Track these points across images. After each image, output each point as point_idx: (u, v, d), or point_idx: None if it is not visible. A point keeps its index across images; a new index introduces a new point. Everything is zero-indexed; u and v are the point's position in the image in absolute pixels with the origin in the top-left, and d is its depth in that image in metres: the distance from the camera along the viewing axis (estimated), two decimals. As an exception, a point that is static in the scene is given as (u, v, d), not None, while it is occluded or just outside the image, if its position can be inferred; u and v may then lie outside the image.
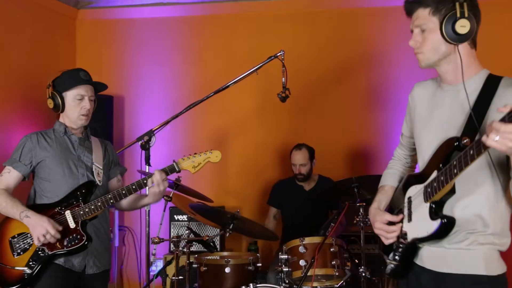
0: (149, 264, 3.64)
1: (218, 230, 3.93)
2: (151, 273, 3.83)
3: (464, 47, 1.83)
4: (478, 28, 1.83)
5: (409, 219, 1.94)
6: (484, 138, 1.52)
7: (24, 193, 2.73)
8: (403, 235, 1.96)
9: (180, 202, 3.75)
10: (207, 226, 4.30)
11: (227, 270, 3.20)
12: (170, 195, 3.46)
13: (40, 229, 2.47)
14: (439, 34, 1.80)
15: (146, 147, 3.26)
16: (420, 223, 1.88)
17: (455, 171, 1.68)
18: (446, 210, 1.82)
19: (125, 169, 2.93)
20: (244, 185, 4.81)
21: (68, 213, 2.55)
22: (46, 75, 2.81)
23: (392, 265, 2.00)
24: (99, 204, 2.55)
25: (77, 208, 2.56)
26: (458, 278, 1.85)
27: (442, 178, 1.75)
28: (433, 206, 1.81)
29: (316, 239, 3.17)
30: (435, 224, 1.80)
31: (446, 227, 1.79)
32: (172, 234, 4.35)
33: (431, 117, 1.95)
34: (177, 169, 2.60)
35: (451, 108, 1.88)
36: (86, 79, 2.69)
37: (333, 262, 3.10)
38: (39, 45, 4.63)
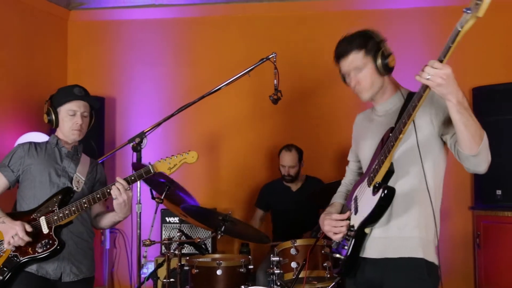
0: (140, 266, 3.63)
1: (210, 232, 3.92)
2: (142, 276, 3.81)
3: (389, 76, 2.17)
4: None
5: (356, 212, 2.13)
6: (417, 77, 1.78)
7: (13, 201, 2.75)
8: (350, 228, 2.13)
9: (172, 204, 3.74)
10: (198, 228, 4.29)
11: (218, 272, 3.18)
12: (162, 197, 3.46)
13: (11, 232, 2.48)
14: (375, 70, 2.10)
15: (137, 149, 3.25)
16: (365, 207, 2.07)
17: (391, 144, 1.94)
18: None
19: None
20: (236, 187, 4.81)
21: (42, 219, 2.54)
22: (38, 77, 2.82)
23: (342, 258, 2.13)
24: (73, 209, 2.53)
25: (51, 214, 2.54)
26: (399, 262, 2.05)
27: (381, 157, 1.99)
28: (376, 185, 2.01)
29: (307, 241, 3.18)
30: (377, 196, 1.98)
31: (387, 195, 1.96)
32: (163, 236, 4.33)
33: (368, 128, 2.26)
34: (152, 172, 2.57)
35: (385, 116, 2.19)
36: (79, 95, 2.70)
37: (325, 264, 3.09)
38: (31, 46, 4.60)
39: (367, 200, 2.06)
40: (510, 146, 3.99)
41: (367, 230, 2.08)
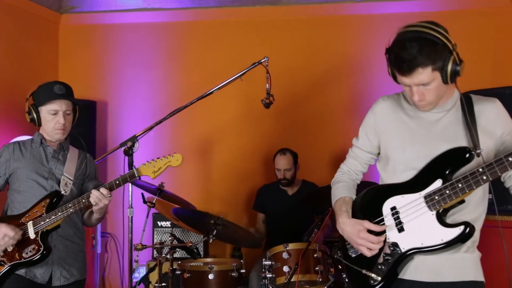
0: (131, 271, 3.61)
1: (202, 236, 3.91)
2: (134, 280, 3.80)
3: None
4: None
5: (400, 229, 1.92)
6: None
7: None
8: (391, 246, 1.93)
9: (164, 208, 3.74)
10: (190, 232, 4.29)
11: (210, 276, 3.18)
12: (153, 201, 3.47)
13: None
14: (441, 82, 1.83)
15: (129, 153, 3.22)
16: (423, 232, 1.87)
17: (484, 177, 1.77)
18: (451, 217, 1.89)
19: (100, 184, 2.73)
20: (229, 190, 4.80)
21: (30, 224, 2.52)
22: (29, 81, 2.80)
23: (378, 280, 1.94)
24: (59, 214, 2.50)
25: (39, 219, 2.52)
26: (457, 286, 1.89)
27: (461, 186, 1.80)
28: (440, 212, 1.85)
29: (299, 245, 3.18)
30: (455, 231, 1.82)
31: (469, 234, 1.81)
32: (155, 240, 4.32)
33: (414, 132, 1.99)
34: (136, 175, 2.54)
35: (441, 124, 1.96)
36: (60, 93, 2.62)
37: (317, 268, 3.11)
38: (22, 50, 4.58)
39: (427, 224, 1.87)
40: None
41: (415, 256, 1.91)
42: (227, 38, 4.90)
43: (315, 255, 3.15)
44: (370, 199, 2.07)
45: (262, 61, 3.38)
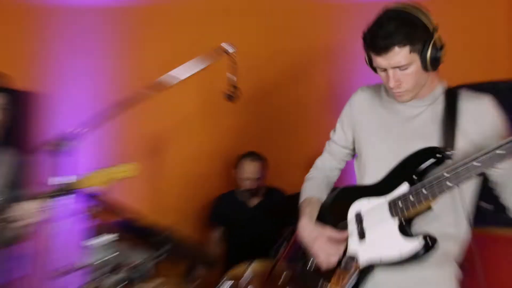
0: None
1: (149, 254, 3.51)
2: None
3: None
4: None
5: (361, 237, 1.90)
6: None
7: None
8: (350, 257, 1.90)
9: (103, 220, 3.33)
10: (136, 249, 3.75)
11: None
12: (90, 212, 3.14)
13: None
14: (420, 67, 1.82)
15: (64, 153, 2.87)
16: (383, 242, 1.83)
17: (448, 183, 1.67)
18: (416, 227, 1.81)
19: (33, 194, 2.54)
20: (184, 199, 4.53)
21: None
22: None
23: None
24: None
25: None
26: None
27: (426, 194, 1.73)
28: (404, 222, 1.79)
29: (264, 265, 3.08)
30: (414, 243, 1.75)
31: (431, 247, 1.73)
32: (91, 260, 3.77)
33: (389, 126, 1.98)
34: (79, 188, 2.44)
35: (418, 120, 1.93)
36: None
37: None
38: None
39: (387, 233, 1.82)
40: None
41: (376, 271, 1.85)
42: (187, 25, 4.65)
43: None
44: (339, 201, 2.07)
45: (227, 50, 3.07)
